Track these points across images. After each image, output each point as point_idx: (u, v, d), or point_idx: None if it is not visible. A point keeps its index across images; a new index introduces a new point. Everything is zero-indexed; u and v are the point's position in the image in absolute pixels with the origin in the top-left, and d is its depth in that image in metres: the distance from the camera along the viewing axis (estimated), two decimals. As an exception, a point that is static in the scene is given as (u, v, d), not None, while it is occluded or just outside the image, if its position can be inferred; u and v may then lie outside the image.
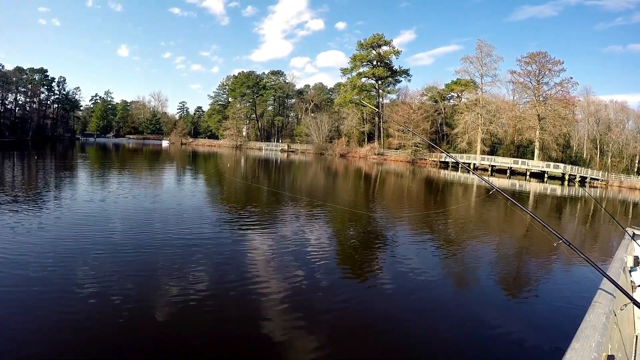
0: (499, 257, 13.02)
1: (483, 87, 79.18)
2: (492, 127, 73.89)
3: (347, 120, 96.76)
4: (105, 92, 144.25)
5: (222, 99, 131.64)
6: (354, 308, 7.89)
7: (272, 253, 11.18)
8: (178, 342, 6.08)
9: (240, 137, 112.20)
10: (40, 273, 8.30)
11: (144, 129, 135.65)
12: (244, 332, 6.56)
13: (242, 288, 8.31)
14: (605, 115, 76.42)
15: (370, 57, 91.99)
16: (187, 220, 14.71)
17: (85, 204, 16.64)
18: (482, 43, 77.27)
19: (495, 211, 21.68)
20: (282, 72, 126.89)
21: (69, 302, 7.10)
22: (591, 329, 2.34)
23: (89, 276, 8.30)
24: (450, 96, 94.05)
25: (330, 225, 16.18)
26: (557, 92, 69.43)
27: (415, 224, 18.09)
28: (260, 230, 14.07)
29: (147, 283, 8.27)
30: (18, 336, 5.97)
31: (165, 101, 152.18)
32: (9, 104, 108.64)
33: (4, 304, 6.97)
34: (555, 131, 67.32)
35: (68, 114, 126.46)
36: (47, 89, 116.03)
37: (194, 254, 10.40)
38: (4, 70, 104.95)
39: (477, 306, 8.55)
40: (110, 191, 20.74)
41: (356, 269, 10.58)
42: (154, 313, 6.93)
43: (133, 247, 10.66)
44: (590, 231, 20.85)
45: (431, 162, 75.01)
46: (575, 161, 69.40)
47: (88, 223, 13.08)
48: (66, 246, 10.34)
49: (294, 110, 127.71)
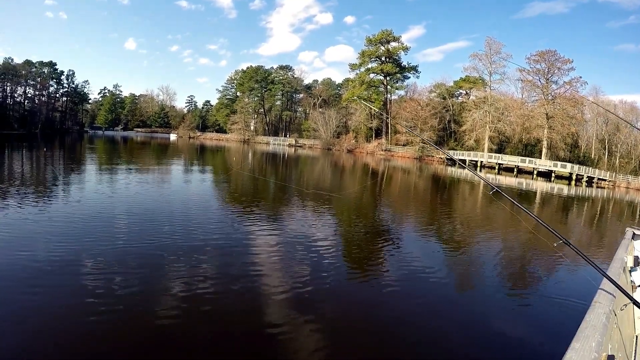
0: (499, 257, 12.97)
1: (491, 84, 78.70)
2: (500, 125, 73.33)
3: (354, 116, 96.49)
4: (113, 85, 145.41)
5: (230, 93, 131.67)
6: (359, 306, 7.91)
7: (278, 249, 11.24)
8: (182, 338, 6.06)
9: (248, 132, 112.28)
10: (45, 266, 8.40)
11: (152, 122, 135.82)
12: (249, 328, 6.57)
13: (247, 284, 8.34)
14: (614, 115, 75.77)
15: (378, 53, 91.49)
16: (193, 215, 14.85)
17: (92, 197, 16.89)
18: (491, 40, 76.61)
19: (498, 210, 21.61)
20: (291, 67, 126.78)
21: (74, 296, 7.15)
22: (591, 329, 2.33)
23: (93, 268, 8.41)
24: (459, 93, 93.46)
25: (336, 222, 16.23)
26: (566, 91, 68.93)
27: (421, 222, 18.16)
28: (267, 225, 14.11)
29: (152, 277, 8.33)
30: (18, 332, 5.97)
31: (174, 95, 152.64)
32: (18, 97, 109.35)
33: (5, 299, 6.97)
34: (564, 130, 66.83)
35: (77, 107, 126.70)
36: (56, 82, 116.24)
37: (199, 248, 10.49)
38: (13, 64, 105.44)
39: (478, 306, 8.59)
40: (117, 184, 20.94)
41: (361, 267, 10.63)
42: (159, 307, 6.96)
43: (138, 240, 10.77)
44: (590, 231, 20.79)
45: (438, 159, 74.62)
46: (583, 161, 68.79)
47: (94, 215, 13.25)
48: (72, 238, 10.48)
49: (301, 105, 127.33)
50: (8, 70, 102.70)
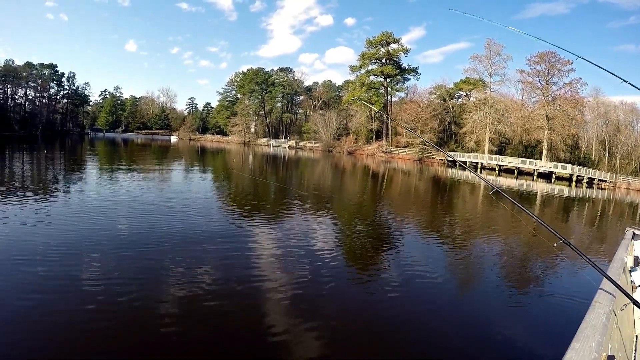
0: (499, 257, 12.94)
1: (492, 86, 78.92)
2: (500, 126, 73.49)
3: (355, 118, 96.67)
4: (114, 87, 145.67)
5: (231, 95, 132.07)
6: (360, 308, 7.89)
7: (278, 251, 11.21)
8: (182, 338, 6.04)
9: (248, 134, 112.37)
10: (45, 267, 8.39)
11: (153, 124, 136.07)
12: (250, 330, 6.55)
13: (247, 285, 8.31)
14: (615, 116, 75.76)
15: (379, 55, 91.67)
16: (193, 216, 14.83)
17: (92, 198, 16.83)
18: (491, 42, 76.93)
19: (498, 210, 21.63)
20: (291, 69, 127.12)
21: (74, 297, 7.13)
22: (591, 329, 2.34)
23: (93, 270, 8.38)
24: (459, 95, 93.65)
25: (337, 223, 16.21)
26: (566, 92, 69.06)
27: (421, 223, 18.17)
28: (267, 227, 14.10)
29: (153, 278, 8.32)
30: (19, 332, 5.95)
31: (174, 97, 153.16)
32: (19, 99, 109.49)
33: (6, 299, 6.92)
34: (564, 132, 66.93)
35: (77, 109, 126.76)
36: (56, 84, 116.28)
37: (200, 249, 10.49)
38: (14, 65, 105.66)
39: (478, 306, 8.59)
40: (117, 186, 20.94)
41: (362, 268, 10.62)
42: (159, 309, 6.93)
43: (139, 241, 10.74)
44: (591, 232, 20.78)
45: (439, 161, 74.69)
46: (583, 162, 68.83)
47: (95, 217, 13.22)
48: (72, 240, 10.44)
49: (302, 107, 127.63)
50: (9, 72, 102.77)
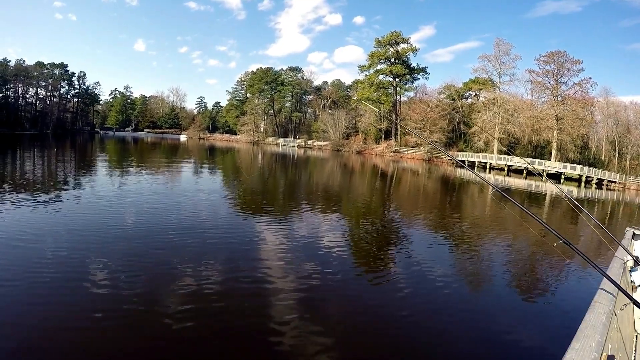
0: (499, 257, 12.94)
1: (501, 86, 78.48)
2: (510, 126, 73.02)
3: (364, 118, 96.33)
4: (124, 86, 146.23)
5: (240, 94, 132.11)
6: (366, 307, 7.93)
7: (286, 249, 11.30)
8: (188, 336, 6.14)
9: (257, 133, 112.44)
10: (53, 263, 8.55)
11: (163, 123, 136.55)
12: (256, 327, 6.65)
13: (255, 284, 8.38)
14: (625, 116, 74.97)
15: (387, 54, 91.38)
16: (202, 215, 15.03)
17: (102, 196, 17.16)
18: (500, 41, 76.43)
19: (501, 211, 21.57)
20: (300, 69, 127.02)
21: (80, 294, 7.23)
22: (591, 329, 2.36)
23: (101, 267, 8.51)
24: (468, 95, 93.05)
25: (345, 222, 16.29)
26: (576, 92, 68.39)
27: (428, 223, 18.22)
28: (275, 225, 14.22)
29: (160, 275, 8.44)
30: (24, 329, 6.05)
31: (184, 96, 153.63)
32: (30, 98, 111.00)
33: (13, 294, 7.07)
34: (573, 132, 66.25)
35: (88, 108, 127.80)
36: (67, 83, 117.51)
37: (207, 248, 10.62)
38: (25, 65, 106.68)
39: (480, 306, 8.64)
40: (127, 184, 21.23)
41: (369, 267, 10.70)
42: (166, 306, 7.02)
43: (147, 240, 10.88)
44: (598, 233, 20.68)
45: (447, 161, 74.37)
46: (593, 163, 68.08)
47: (104, 214, 13.49)
48: (81, 237, 10.63)
49: (311, 107, 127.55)
50: (20, 71, 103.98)
